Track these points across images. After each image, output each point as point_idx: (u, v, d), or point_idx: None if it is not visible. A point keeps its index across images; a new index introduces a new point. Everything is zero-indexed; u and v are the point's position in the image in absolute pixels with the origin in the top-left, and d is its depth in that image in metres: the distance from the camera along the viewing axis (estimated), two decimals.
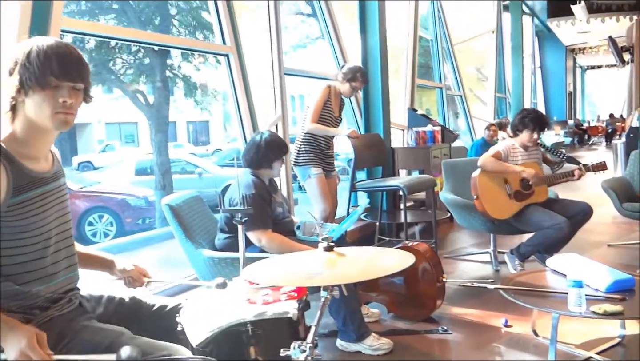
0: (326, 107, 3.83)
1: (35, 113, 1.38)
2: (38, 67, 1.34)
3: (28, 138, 1.41)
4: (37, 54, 1.35)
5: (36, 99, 1.36)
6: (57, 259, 1.49)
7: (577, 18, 14.17)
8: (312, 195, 3.84)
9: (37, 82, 1.34)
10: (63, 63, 1.36)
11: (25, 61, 1.34)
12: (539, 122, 3.71)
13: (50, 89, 1.36)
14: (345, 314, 2.59)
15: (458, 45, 9.92)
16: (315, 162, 3.82)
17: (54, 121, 1.39)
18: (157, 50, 8.08)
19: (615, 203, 4.26)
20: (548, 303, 2.38)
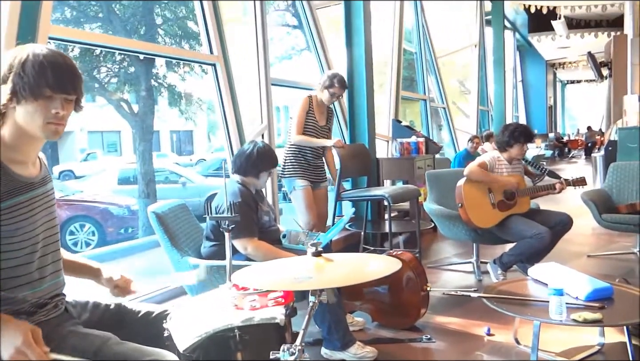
0: (309, 117, 3.81)
1: (25, 121, 1.38)
2: (33, 77, 1.34)
3: (16, 143, 1.41)
4: (33, 64, 1.35)
5: (28, 108, 1.36)
6: (43, 264, 1.49)
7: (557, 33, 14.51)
8: (297, 207, 3.83)
9: (32, 92, 1.34)
10: (58, 74, 1.36)
11: (20, 69, 1.34)
12: (528, 135, 3.85)
13: (44, 99, 1.36)
14: (330, 322, 2.61)
15: (441, 59, 10.07)
16: (301, 174, 3.81)
17: (45, 130, 1.39)
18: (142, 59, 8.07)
19: (595, 215, 4.35)
20: (530, 311, 2.42)
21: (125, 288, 1.76)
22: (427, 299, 3.12)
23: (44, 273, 1.49)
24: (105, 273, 1.74)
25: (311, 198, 3.80)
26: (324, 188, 3.99)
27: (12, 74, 1.35)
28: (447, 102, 9.71)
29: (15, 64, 1.35)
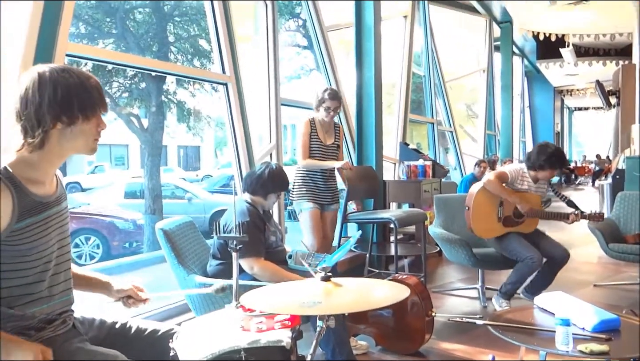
0: (313, 139, 3.76)
1: (75, 141, 1.44)
2: (89, 98, 1.42)
3: (40, 163, 1.43)
4: (86, 85, 1.42)
5: (83, 127, 1.43)
6: (54, 282, 1.50)
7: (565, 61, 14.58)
8: (304, 229, 3.80)
9: (92, 111, 1.43)
10: (101, 94, 1.47)
11: (82, 90, 1.41)
12: (564, 162, 3.79)
13: (95, 118, 1.45)
14: (334, 345, 2.59)
15: (450, 82, 10.13)
16: (308, 197, 3.77)
17: (93, 147, 1.48)
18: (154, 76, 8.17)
19: (602, 244, 4.33)
20: (536, 341, 2.39)
21: (137, 296, 1.78)
22: (431, 325, 3.10)
23: (54, 291, 1.50)
24: (115, 285, 1.76)
25: (318, 221, 3.77)
26: (334, 211, 3.93)
27: (61, 97, 1.38)
28: (454, 125, 9.74)
29: (65, 87, 1.39)
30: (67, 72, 1.41)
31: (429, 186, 5.48)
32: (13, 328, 1.40)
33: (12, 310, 1.40)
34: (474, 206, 3.74)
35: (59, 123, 1.39)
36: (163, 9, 8.82)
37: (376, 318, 3.11)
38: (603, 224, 4.49)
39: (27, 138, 1.39)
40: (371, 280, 1.69)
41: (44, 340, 1.45)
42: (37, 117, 1.37)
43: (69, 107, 1.39)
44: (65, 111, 1.39)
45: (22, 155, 1.42)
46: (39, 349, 1.29)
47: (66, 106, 1.38)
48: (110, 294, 1.75)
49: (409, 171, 5.59)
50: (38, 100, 1.37)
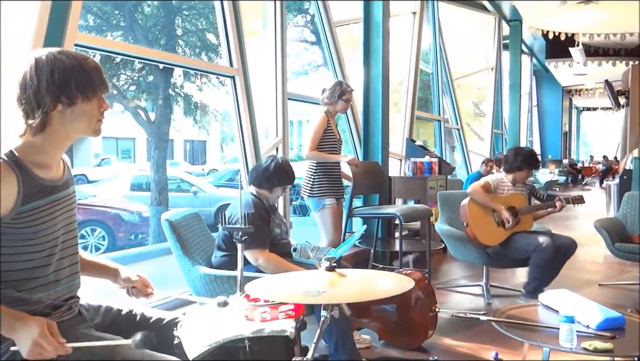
0: (328, 133, 3.80)
1: (78, 122, 1.44)
2: (89, 78, 1.42)
3: (46, 147, 1.44)
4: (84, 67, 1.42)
5: (84, 108, 1.43)
6: (60, 267, 1.51)
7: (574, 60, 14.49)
8: (324, 225, 3.77)
9: (92, 92, 1.43)
10: (102, 75, 1.47)
11: (80, 71, 1.41)
12: (536, 163, 3.99)
13: (97, 98, 1.45)
14: (337, 339, 2.59)
15: (457, 80, 10.10)
16: (330, 193, 3.78)
17: (96, 128, 1.48)
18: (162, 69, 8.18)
19: (608, 243, 4.31)
20: (539, 338, 2.39)
21: (143, 289, 1.78)
22: (435, 320, 3.10)
23: (60, 275, 1.51)
24: (123, 273, 1.77)
25: (338, 217, 3.80)
26: (342, 205, 3.97)
27: (58, 79, 1.39)
28: (461, 123, 9.72)
29: (62, 69, 1.40)
30: (64, 55, 1.42)
31: (434, 182, 5.47)
32: None
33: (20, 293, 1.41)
34: (470, 218, 3.81)
35: (59, 104, 1.40)
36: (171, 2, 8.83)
37: (380, 313, 3.11)
38: (609, 224, 4.48)
39: (28, 121, 1.40)
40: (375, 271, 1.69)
41: None
42: (36, 99, 1.38)
43: (67, 88, 1.40)
44: (64, 91, 1.39)
45: (27, 139, 1.43)
46: (44, 321, 1.30)
47: (64, 87, 1.39)
48: (116, 282, 1.77)
49: (415, 167, 5.58)
50: (36, 83, 1.38)
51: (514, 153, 3.97)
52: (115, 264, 1.80)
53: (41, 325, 1.28)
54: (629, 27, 12.05)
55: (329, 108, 3.84)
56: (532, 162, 3.95)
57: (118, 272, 1.76)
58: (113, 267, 1.78)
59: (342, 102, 3.84)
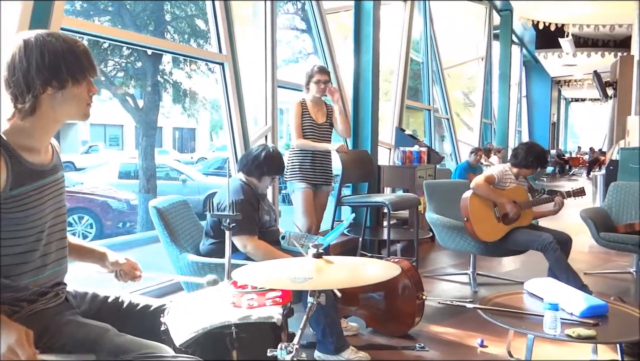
0: (306, 119, 3.80)
1: (68, 106, 1.43)
2: (78, 61, 1.41)
3: (34, 131, 1.42)
4: (74, 50, 1.41)
5: (74, 91, 1.42)
6: (47, 251, 1.50)
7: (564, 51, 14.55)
8: (296, 209, 3.83)
9: (82, 75, 1.41)
10: (91, 58, 1.45)
11: (70, 54, 1.40)
12: (545, 163, 4.04)
13: (86, 82, 1.44)
14: (324, 326, 2.61)
15: (448, 70, 10.10)
16: (301, 177, 3.80)
17: (86, 111, 1.47)
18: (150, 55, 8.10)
19: (593, 233, 4.36)
20: (524, 325, 2.42)
21: (131, 272, 1.78)
22: (422, 308, 3.13)
23: (46, 260, 1.50)
24: (111, 257, 1.76)
25: (309, 202, 3.78)
26: (326, 193, 3.95)
27: (49, 61, 1.37)
28: (451, 113, 9.74)
29: (52, 51, 1.38)
30: (54, 37, 1.40)
31: (423, 172, 5.49)
32: (6, 298, 1.40)
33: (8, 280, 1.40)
34: (471, 213, 3.77)
35: (49, 88, 1.38)
36: None
37: (367, 300, 3.13)
38: (595, 213, 4.53)
39: (17, 105, 1.38)
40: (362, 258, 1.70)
41: (35, 312, 1.45)
42: (25, 82, 1.36)
43: (57, 71, 1.38)
44: (54, 75, 1.38)
45: (15, 123, 1.41)
46: (23, 330, 1.28)
47: (55, 70, 1.37)
48: (104, 265, 1.76)
49: (404, 156, 5.60)
50: (26, 65, 1.36)
51: (526, 150, 3.88)
52: (102, 248, 1.79)
53: (19, 333, 1.26)
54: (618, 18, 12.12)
55: (307, 94, 3.86)
56: (542, 163, 3.93)
57: (106, 256, 1.76)
58: (101, 251, 1.77)
59: (314, 85, 3.80)
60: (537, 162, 3.89)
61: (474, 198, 3.79)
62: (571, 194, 3.88)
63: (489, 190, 3.78)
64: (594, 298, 2.56)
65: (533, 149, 3.90)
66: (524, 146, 3.96)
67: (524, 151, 3.88)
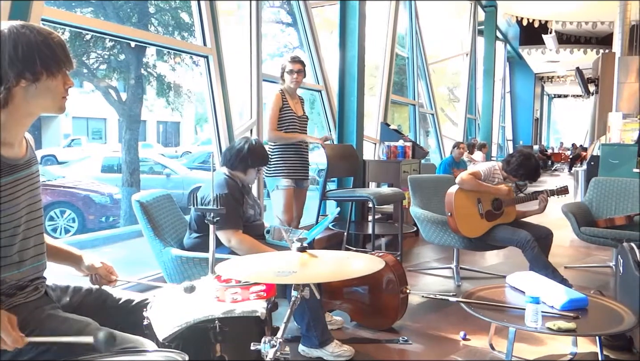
0: (286, 111, 3.74)
1: (43, 99, 1.40)
2: (54, 54, 1.38)
3: (8, 124, 1.39)
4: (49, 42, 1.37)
5: (49, 84, 1.39)
6: (24, 247, 1.47)
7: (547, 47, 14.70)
8: (276, 206, 3.76)
9: (57, 68, 1.39)
10: (66, 50, 1.42)
11: (44, 47, 1.37)
12: (536, 179, 3.90)
13: (62, 75, 1.41)
14: (309, 320, 2.62)
15: (433, 65, 10.14)
16: (285, 173, 3.74)
17: (61, 105, 1.44)
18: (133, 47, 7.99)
19: (574, 227, 4.42)
20: (506, 318, 2.46)
21: (107, 276, 1.75)
22: (406, 302, 3.15)
23: (24, 255, 1.47)
24: (86, 260, 1.73)
25: (291, 199, 3.74)
26: (305, 188, 3.92)
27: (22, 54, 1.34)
28: (435, 108, 9.78)
29: (26, 43, 1.35)
30: (27, 29, 1.37)
31: (408, 166, 5.51)
32: None
33: None
34: (455, 209, 3.78)
35: (22, 80, 1.35)
36: None
37: (351, 295, 3.14)
38: (576, 208, 4.59)
39: None
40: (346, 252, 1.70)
41: (15, 306, 1.43)
42: None
43: (31, 64, 1.35)
44: (28, 67, 1.35)
45: None
46: (5, 315, 1.26)
47: (28, 63, 1.35)
48: (79, 269, 1.73)
49: (389, 151, 5.61)
50: None
51: (520, 162, 3.81)
52: (78, 251, 1.75)
53: (2, 320, 1.24)
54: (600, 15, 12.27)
55: (284, 86, 3.80)
56: (532, 178, 3.87)
57: (81, 259, 1.72)
58: (76, 254, 1.73)
59: (288, 76, 3.75)
60: (527, 177, 3.83)
61: (459, 193, 3.81)
62: (554, 193, 3.89)
63: (475, 181, 3.78)
64: (574, 292, 2.60)
65: (527, 162, 3.81)
66: (520, 156, 3.85)
67: (517, 162, 3.82)
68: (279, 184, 3.73)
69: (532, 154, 3.99)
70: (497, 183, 3.88)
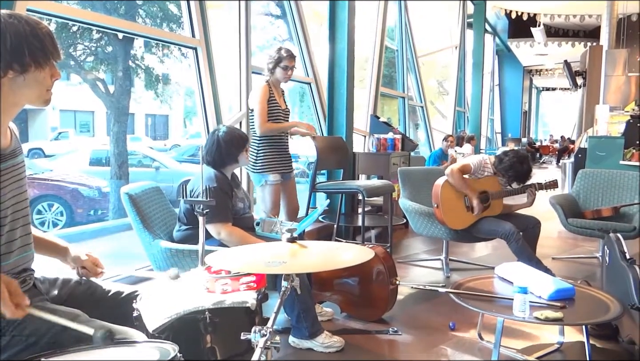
0: (272, 104, 3.58)
1: (29, 90, 1.38)
2: (42, 45, 1.36)
3: None
4: (37, 32, 1.35)
5: (37, 76, 1.37)
6: (11, 238, 1.46)
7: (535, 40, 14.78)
8: (263, 202, 3.65)
9: (44, 59, 1.37)
10: (54, 42, 1.40)
11: (33, 37, 1.35)
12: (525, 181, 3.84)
13: (49, 67, 1.39)
14: (299, 311, 2.63)
15: (422, 58, 10.15)
16: (273, 168, 3.60)
17: (46, 98, 1.42)
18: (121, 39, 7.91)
19: (562, 219, 4.47)
20: (494, 308, 2.48)
21: (93, 269, 1.73)
22: (395, 293, 3.17)
23: (11, 247, 1.46)
24: (72, 253, 1.72)
25: (278, 195, 3.64)
26: (293, 179, 3.82)
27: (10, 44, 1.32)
28: (425, 101, 9.81)
29: (14, 34, 1.33)
30: (15, 19, 1.35)
31: (397, 159, 5.53)
32: None
33: None
34: (442, 201, 3.80)
35: (10, 71, 1.34)
36: None
37: (341, 286, 3.16)
38: (563, 200, 4.64)
39: None
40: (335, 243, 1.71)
41: None
42: None
43: (20, 55, 1.33)
44: (16, 58, 1.33)
45: None
46: (4, 282, 1.26)
47: (17, 54, 1.33)
48: (65, 261, 1.71)
49: (379, 143, 5.62)
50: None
51: (511, 164, 3.77)
52: (64, 243, 1.74)
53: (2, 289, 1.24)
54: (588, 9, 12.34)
55: (271, 78, 3.62)
56: (520, 180, 3.82)
57: (67, 251, 1.71)
58: (62, 246, 1.72)
59: (281, 70, 3.57)
60: (515, 179, 3.81)
61: (446, 185, 3.82)
62: (543, 187, 3.91)
63: (460, 181, 3.79)
64: (561, 282, 2.63)
65: (519, 165, 3.76)
66: (513, 157, 3.80)
67: (509, 163, 3.78)
68: (267, 179, 3.59)
69: (527, 157, 3.94)
70: (486, 176, 3.90)
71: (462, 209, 3.82)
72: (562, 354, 2.77)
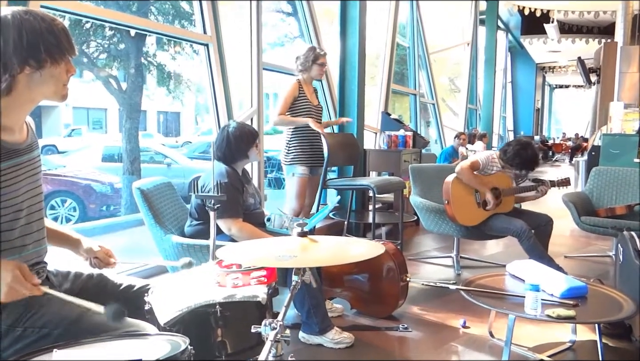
0: (302, 100, 3.82)
1: (46, 86, 1.39)
2: (58, 41, 1.37)
3: (10, 110, 1.39)
4: (53, 28, 1.36)
5: (53, 71, 1.38)
6: (26, 232, 1.48)
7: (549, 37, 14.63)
8: (289, 193, 3.83)
9: (60, 55, 1.38)
10: (70, 38, 1.41)
11: (48, 34, 1.36)
12: (534, 168, 3.83)
13: (65, 62, 1.40)
14: (309, 307, 2.63)
15: (434, 55, 10.09)
16: (303, 160, 3.80)
17: (63, 92, 1.43)
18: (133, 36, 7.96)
19: (574, 217, 4.43)
20: (506, 305, 2.47)
21: (105, 259, 1.75)
22: (406, 290, 3.16)
23: (26, 240, 1.48)
24: (85, 244, 1.73)
25: (305, 187, 3.82)
26: (319, 176, 3.97)
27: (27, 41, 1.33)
28: (436, 98, 9.76)
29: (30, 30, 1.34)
30: (31, 15, 1.36)
31: (409, 156, 5.51)
32: None
33: None
34: (452, 197, 3.79)
35: (26, 67, 1.35)
36: None
37: (352, 282, 3.16)
38: (576, 198, 4.60)
39: None
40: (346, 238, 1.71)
41: None
42: (2, 62, 1.33)
43: (36, 51, 1.34)
44: (33, 54, 1.34)
45: None
46: (16, 266, 1.29)
47: (33, 50, 1.34)
48: (78, 253, 1.72)
49: (390, 140, 5.61)
50: (2, 45, 1.32)
51: (516, 151, 3.75)
52: (77, 234, 1.75)
53: (13, 270, 1.28)
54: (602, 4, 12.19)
55: (304, 75, 3.88)
56: (529, 167, 3.78)
57: (80, 242, 1.72)
58: (75, 237, 1.73)
59: (317, 67, 3.86)
60: (522, 166, 3.76)
61: (456, 182, 3.80)
62: (555, 184, 3.88)
63: (471, 176, 3.78)
64: (574, 280, 2.61)
65: (523, 151, 3.75)
66: (517, 145, 3.80)
67: (513, 151, 3.77)
68: (295, 171, 3.79)
69: (530, 143, 3.91)
70: (495, 172, 3.87)
71: (473, 205, 3.80)
72: (574, 353, 2.74)
